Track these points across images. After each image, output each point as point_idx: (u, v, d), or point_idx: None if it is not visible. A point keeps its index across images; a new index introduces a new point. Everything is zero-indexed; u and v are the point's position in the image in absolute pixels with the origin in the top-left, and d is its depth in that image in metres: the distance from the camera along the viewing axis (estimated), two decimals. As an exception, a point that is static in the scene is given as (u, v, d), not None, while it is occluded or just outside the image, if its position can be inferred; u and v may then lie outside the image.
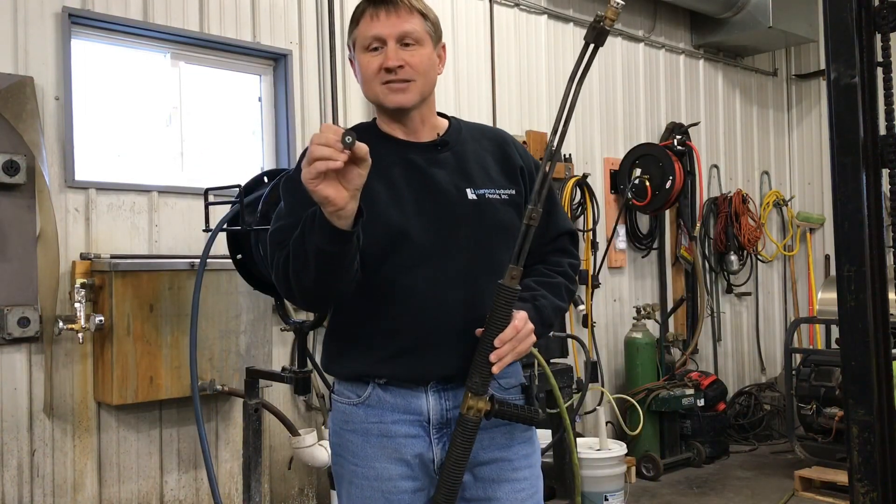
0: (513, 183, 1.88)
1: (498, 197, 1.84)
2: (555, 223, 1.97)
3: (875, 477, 1.71)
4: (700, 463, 5.69)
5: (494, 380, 1.74)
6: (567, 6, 5.90)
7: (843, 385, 1.83)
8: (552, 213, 1.95)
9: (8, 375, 3.44)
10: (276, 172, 3.40)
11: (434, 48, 1.82)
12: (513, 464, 1.83)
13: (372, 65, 1.76)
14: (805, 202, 7.68)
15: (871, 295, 1.71)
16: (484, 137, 1.94)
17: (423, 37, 1.78)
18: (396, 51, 1.75)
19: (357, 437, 1.79)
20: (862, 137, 1.72)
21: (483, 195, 1.82)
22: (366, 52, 1.77)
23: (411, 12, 1.77)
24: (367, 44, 1.77)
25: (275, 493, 4.23)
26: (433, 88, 1.85)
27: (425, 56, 1.78)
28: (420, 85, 1.78)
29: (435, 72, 1.83)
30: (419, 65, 1.77)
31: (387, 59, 1.74)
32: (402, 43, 1.76)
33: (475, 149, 1.89)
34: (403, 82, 1.76)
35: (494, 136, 1.96)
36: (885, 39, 1.75)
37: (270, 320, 4.06)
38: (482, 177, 1.85)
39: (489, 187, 1.84)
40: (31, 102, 3.47)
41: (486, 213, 1.81)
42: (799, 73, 7.78)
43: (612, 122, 6.19)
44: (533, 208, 1.65)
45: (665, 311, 6.36)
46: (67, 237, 3.62)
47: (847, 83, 1.73)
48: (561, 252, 1.98)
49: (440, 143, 1.85)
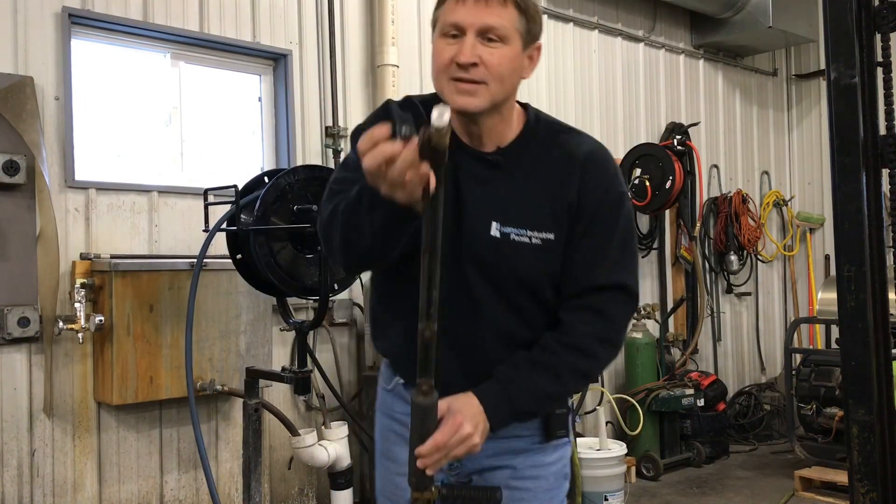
0: (556, 224, 1.60)
1: (527, 241, 1.59)
2: (592, 267, 1.61)
3: (875, 477, 1.71)
4: (700, 463, 5.68)
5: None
6: (567, 6, 5.90)
7: (843, 385, 1.83)
8: (593, 253, 1.62)
9: (8, 375, 3.44)
10: (275, 172, 3.40)
11: (523, 49, 1.57)
12: (517, 472, 1.72)
13: (444, 54, 1.53)
14: (805, 202, 7.67)
15: (871, 295, 1.71)
16: (555, 156, 1.64)
17: (511, 34, 1.53)
18: (474, 45, 1.51)
19: (384, 418, 1.84)
20: (862, 137, 1.73)
21: (508, 235, 1.59)
22: (442, 37, 1.55)
23: (505, 3, 1.52)
24: (445, 28, 1.54)
25: (275, 493, 4.23)
26: (511, 94, 1.61)
27: (507, 57, 1.53)
28: (493, 90, 1.53)
29: (517, 76, 1.58)
30: (496, 66, 1.52)
31: (460, 52, 1.51)
32: (483, 36, 1.51)
33: (532, 171, 1.63)
34: (473, 83, 1.52)
35: (567, 157, 1.64)
36: (885, 39, 1.75)
37: (270, 320, 4.06)
38: (519, 211, 1.60)
39: (521, 226, 1.59)
40: (31, 102, 3.47)
41: (505, 257, 1.59)
42: (799, 73, 7.78)
43: (612, 122, 6.19)
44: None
45: (665, 311, 6.36)
46: (67, 237, 3.62)
47: (847, 83, 1.73)
48: (588, 312, 1.62)
49: (493, 159, 1.62)
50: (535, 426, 1.72)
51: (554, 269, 1.62)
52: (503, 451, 1.71)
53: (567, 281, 1.63)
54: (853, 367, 1.74)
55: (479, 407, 1.55)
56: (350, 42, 4.70)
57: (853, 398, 1.73)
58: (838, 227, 1.76)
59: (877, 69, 1.74)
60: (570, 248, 1.62)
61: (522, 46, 1.56)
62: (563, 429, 1.73)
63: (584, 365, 1.62)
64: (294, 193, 3.24)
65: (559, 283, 1.63)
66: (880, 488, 1.71)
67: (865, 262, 1.71)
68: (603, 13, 6.15)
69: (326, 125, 4.55)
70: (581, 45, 5.99)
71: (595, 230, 1.62)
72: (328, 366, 4.40)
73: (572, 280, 1.62)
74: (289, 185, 3.23)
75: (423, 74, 4.94)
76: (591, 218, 1.61)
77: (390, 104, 1.68)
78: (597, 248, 1.62)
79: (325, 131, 4.55)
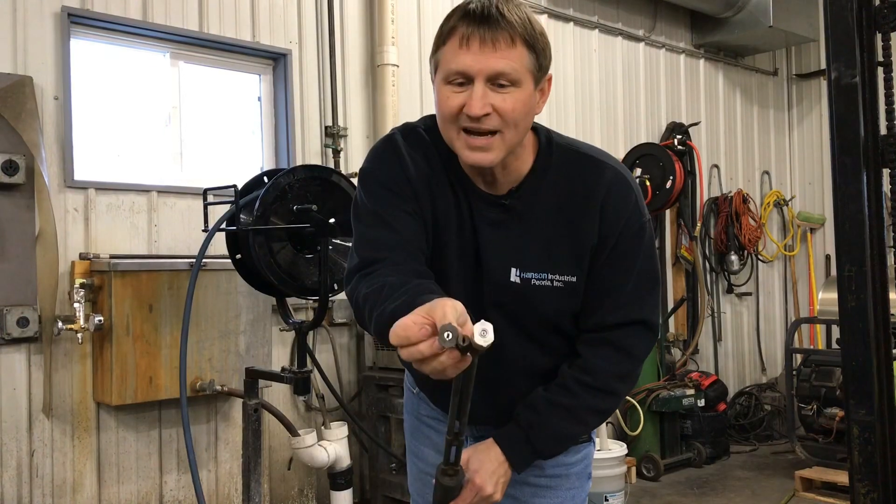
0: (578, 266, 1.55)
1: (549, 284, 1.54)
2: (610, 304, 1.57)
3: (876, 477, 1.71)
4: (700, 463, 5.68)
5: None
6: (567, 6, 5.89)
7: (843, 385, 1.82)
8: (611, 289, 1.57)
9: (7, 376, 3.44)
10: (275, 172, 3.39)
11: (535, 86, 1.47)
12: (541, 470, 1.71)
13: (452, 102, 1.43)
14: (806, 202, 7.67)
15: (872, 295, 1.71)
16: (573, 193, 1.54)
17: (523, 76, 1.42)
18: (484, 93, 1.40)
19: (412, 418, 1.88)
20: (863, 137, 1.72)
21: (529, 280, 1.54)
22: (447, 84, 1.44)
23: (513, 44, 1.39)
24: (450, 77, 1.43)
25: (274, 493, 4.23)
26: (525, 135, 1.52)
27: (520, 101, 1.43)
28: (508, 138, 1.44)
29: (531, 117, 1.50)
30: (510, 113, 1.42)
31: (470, 104, 1.40)
32: (493, 83, 1.41)
33: (548, 210, 1.55)
34: (487, 135, 1.42)
35: (586, 194, 1.54)
36: (886, 39, 1.74)
37: (270, 320, 4.05)
38: (538, 255, 1.55)
39: (541, 270, 1.54)
40: (30, 102, 3.46)
41: (527, 300, 1.56)
42: (799, 72, 7.77)
43: (613, 122, 6.19)
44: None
45: (665, 311, 6.35)
46: (66, 237, 3.61)
47: (848, 83, 1.72)
48: (607, 348, 1.57)
49: (507, 204, 1.54)
50: None
51: (577, 308, 1.59)
52: None
53: (585, 314, 1.59)
54: (854, 367, 1.73)
55: (500, 457, 1.56)
56: (350, 42, 4.70)
57: (854, 398, 1.72)
58: (839, 226, 1.75)
59: (877, 69, 1.73)
60: (589, 280, 1.57)
61: (534, 85, 1.47)
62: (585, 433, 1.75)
63: (605, 404, 1.62)
64: (294, 193, 3.24)
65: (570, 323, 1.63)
66: (881, 489, 1.70)
67: (866, 262, 1.71)
68: (603, 13, 6.15)
69: (326, 125, 4.55)
70: (581, 45, 5.99)
71: (616, 262, 1.56)
72: (328, 366, 4.40)
73: (590, 314, 1.59)
74: (288, 185, 3.23)
75: (422, 74, 4.94)
76: (611, 251, 1.55)
77: (396, 141, 1.59)
78: (615, 283, 1.56)
79: (325, 131, 4.54)
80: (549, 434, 1.58)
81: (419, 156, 1.57)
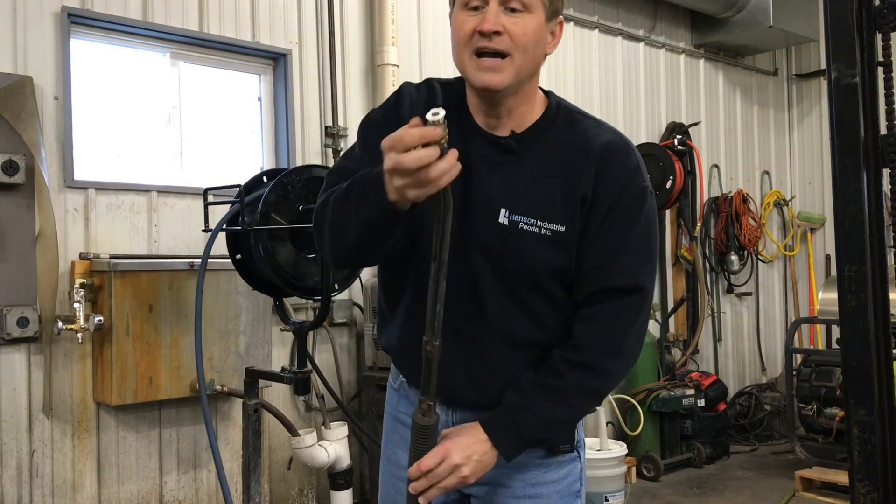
0: (567, 216, 1.52)
1: (536, 230, 1.51)
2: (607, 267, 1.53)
3: (876, 477, 1.71)
4: (700, 463, 5.68)
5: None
6: (567, 6, 5.87)
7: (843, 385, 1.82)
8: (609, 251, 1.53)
9: (7, 376, 3.44)
10: (275, 172, 3.39)
11: (547, 21, 1.51)
12: (515, 490, 1.64)
13: (466, 26, 1.48)
14: (806, 202, 7.67)
15: (872, 295, 1.71)
16: (571, 144, 1.57)
17: (535, 3, 1.47)
18: (497, 13, 1.45)
19: (390, 419, 1.81)
20: (863, 137, 1.72)
21: (517, 223, 1.52)
22: (463, 9, 1.49)
23: None
24: (466, 0, 1.49)
25: (274, 493, 4.23)
26: (535, 69, 1.54)
27: (531, 27, 1.47)
28: (518, 63, 1.47)
29: (541, 49, 1.52)
30: (521, 36, 1.46)
31: (484, 21, 1.45)
32: (506, 6, 1.46)
33: (546, 159, 1.56)
34: (498, 56, 1.46)
35: (584, 146, 1.56)
36: (886, 39, 1.74)
37: (270, 320, 4.05)
38: (530, 201, 1.53)
39: (531, 215, 1.52)
40: (30, 102, 3.46)
41: (513, 245, 1.52)
42: (799, 72, 7.77)
43: (613, 122, 6.08)
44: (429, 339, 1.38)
45: (665, 311, 6.35)
46: (66, 237, 3.61)
47: (848, 83, 1.72)
48: (600, 322, 1.54)
49: (507, 144, 1.55)
50: None
51: (563, 265, 1.54)
52: (502, 465, 1.61)
53: (580, 280, 1.55)
54: (854, 367, 1.73)
55: (482, 436, 1.51)
56: (350, 42, 4.70)
57: (854, 398, 1.73)
58: (839, 226, 1.75)
59: (877, 69, 1.73)
60: (584, 244, 1.53)
61: (546, 18, 1.51)
62: (567, 443, 1.65)
63: (596, 383, 1.55)
64: (295, 193, 3.24)
65: (570, 280, 1.55)
66: (881, 489, 1.70)
67: (866, 262, 1.71)
68: (603, 13, 6.15)
69: (326, 125, 4.55)
70: (581, 45, 5.99)
71: (612, 226, 1.53)
72: (328, 366, 4.40)
73: (585, 279, 1.54)
74: (290, 184, 3.23)
75: (423, 74, 4.94)
76: (608, 213, 1.52)
77: (403, 88, 1.63)
78: (613, 246, 1.53)
79: (325, 131, 4.54)
80: (536, 418, 1.52)
81: (422, 97, 1.59)
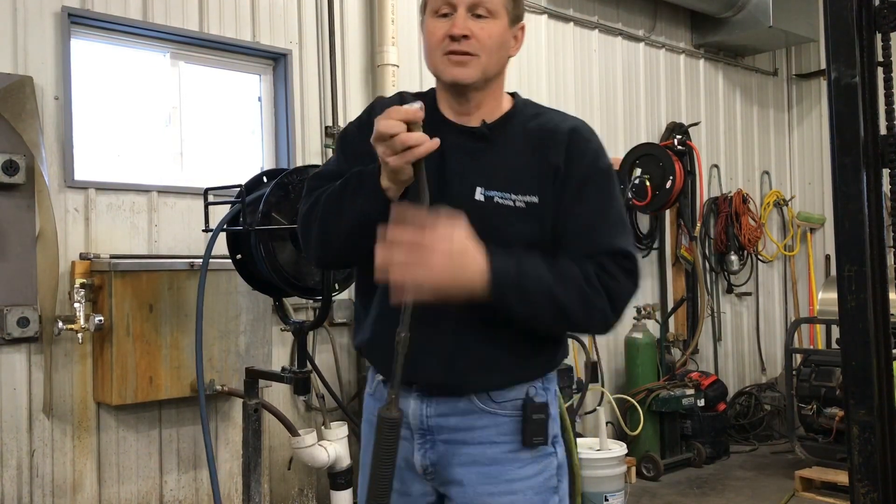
0: (540, 188, 1.63)
1: (511, 203, 1.61)
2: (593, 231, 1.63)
3: (875, 477, 1.71)
4: (700, 463, 5.68)
5: (486, 394, 1.65)
6: (567, 6, 5.89)
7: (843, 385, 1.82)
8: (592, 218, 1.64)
9: (7, 376, 3.44)
10: (275, 172, 3.39)
11: (510, 26, 1.67)
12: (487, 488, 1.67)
13: (437, 31, 1.64)
14: (805, 202, 7.67)
15: (872, 295, 1.71)
16: (540, 128, 1.70)
17: (499, 10, 1.63)
18: (465, 19, 1.61)
19: (367, 426, 1.84)
20: (862, 137, 1.72)
21: (492, 198, 1.62)
22: (434, 16, 1.65)
23: None
24: (437, 7, 1.64)
25: (274, 493, 4.23)
26: (500, 70, 1.69)
27: (496, 31, 1.63)
28: (483, 62, 1.62)
29: (505, 52, 1.67)
30: (486, 39, 1.62)
31: (453, 26, 1.61)
32: (473, 13, 1.62)
33: (517, 143, 1.68)
34: (465, 55, 1.61)
35: (552, 129, 1.69)
36: (886, 39, 1.74)
37: (270, 320, 4.05)
38: (503, 177, 1.64)
39: (505, 190, 1.62)
40: (30, 102, 3.46)
41: (489, 221, 1.59)
42: (799, 72, 7.77)
43: (613, 122, 6.19)
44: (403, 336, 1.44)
45: (665, 311, 6.35)
46: (67, 237, 3.61)
47: (847, 83, 1.72)
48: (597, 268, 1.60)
49: (479, 131, 1.68)
50: (510, 429, 1.67)
51: (538, 236, 1.62)
52: (476, 461, 1.67)
53: (566, 250, 1.61)
54: (854, 367, 1.73)
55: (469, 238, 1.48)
56: (350, 42, 4.70)
57: (854, 398, 1.73)
58: (839, 226, 1.75)
59: (877, 69, 1.74)
60: (563, 216, 1.63)
61: (509, 23, 1.66)
62: (540, 435, 1.68)
63: (587, 292, 1.57)
64: (296, 193, 3.24)
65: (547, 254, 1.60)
66: (881, 488, 1.70)
67: (866, 262, 1.71)
68: (603, 13, 6.15)
69: (326, 125, 4.55)
70: (581, 45, 5.99)
71: (590, 197, 1.64)
72: (328, 366, 4.40)
73: (572, 247, 1.61)
74: (291, 184, 3.23)
75: (422, 74, 4.93)
76: (583, 185, 1.64)
77: (376, 102, 1.77)
78: (595, 213, 1.63)
79: (325, 131, 4.54)
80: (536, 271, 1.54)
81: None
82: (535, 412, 1.67)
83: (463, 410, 1.67)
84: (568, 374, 4.77)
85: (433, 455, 1.69)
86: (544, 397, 1.71)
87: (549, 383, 1.74)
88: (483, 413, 1.67)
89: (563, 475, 1.75)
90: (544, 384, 1.72)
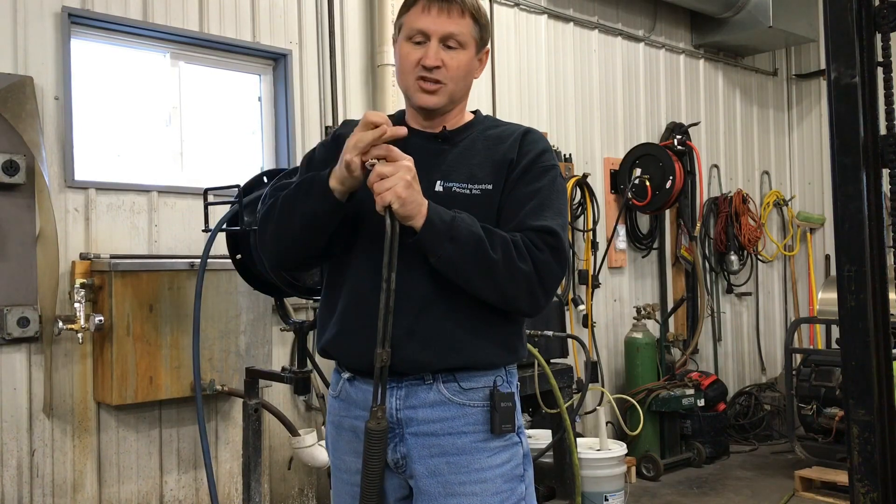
0: (493, 177, 1.79)
1: (467, 192, 1.77)
2: (525, 216, 1.75)
3: (875, 477, 1.71)
4: (700, 463, 5.68)
5: (455, 381, 1.73)
6: (567, 6, 5.89)
7: (843, 385, 1.83)
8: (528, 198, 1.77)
9: (7, 375, 3.44)
10: (275, 172, 3.39)
11: (476, 53, 1.82)
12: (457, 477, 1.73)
13: (411, 56, 1.76)
14: (805, 202, 7.67)
15: (872, 295, 1.71)
16: (496, 132, 1.87)
17: (468, 40, 1.78)
18: (438, 50, 1.75)
19: (333, 429, 1.89)
20: (862, 137, 1.72)
21: (450, 188, 1.77)
22: (408, 41, 1.78)
23: (463, 14, 1.77)
24: (411, 34, 1.77)
25: (275, 493, 4.23)
26: (466, 93, 1.86)
27: (464, 61, 1.78)
28: (451, 89, 1.78)
29: (470, 77, 1.83)
30: (456, 69, 1.77)
31: (426, 56, 1.74)
32: (444, 43, 1.75)
33: (475, 145, 1.84)
34: (435, 83, 1.76)
35: (507, 133, 1.87)
36: (886, 39, 1.74)
37: (270, 320, 4.05)
38: (461, 171, 1.79)
39: (462, 181, 1.78)
40: (30, 102, 3.46)
41: (448, 206, 1.70)
42: (799, 72, 7.78)
43: (613, 122, 6.19)
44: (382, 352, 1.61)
45: (665, 311, 6.36)
46: (67, 237, 3.61)
47: (847, 83, 1.72)
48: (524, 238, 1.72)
49: (441, 134, 1.83)
50: (479, 419, 1.74)
51: (492, 222, 1.74)
52: (446, 452, 1.73)
53: (501, 224, 1.75)
54: (853, 367, 1.73)
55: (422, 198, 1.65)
56: (350, 42, 4.70)
57: (853, 398, 1.73)
58: (838, 227, 1.75)
59: (877, 69, 1.73)
60: (505, 198, 1.78)
61: (476, 51, 1.82)
62: (508, 423, 1.75)
63: (512, 252, 1.67)
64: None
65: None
66: (881, 488, 1.70)
67: (866, 262, 1.71)
68: (603, 13, 6.15)
69: (326, 125, 4.55)
70: (581, 45, 5.99)
71: (530, 182, 1.78)
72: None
73: (506, 222, 1.75)
74: (290, 185, 3.23)
75: (423, 74, 4.93)
76: (526, 173, 1.79)
77: (342, 128, 1.91)
78: (531, 197, 1.76)
79: (325, 131, 4.54)
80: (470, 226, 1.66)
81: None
82: (503, 400, 1.75)
83: (432, 402, 1.73)
84: (568, 373, 4.77)
85: (403, 448, 1.74)
86: (509, 388, 1.80)
87: (513, 377, 1.84)
88: (451, 404, 1.73)
89: (528, 464, 1.83)
90: (507, 378, 1.81)
